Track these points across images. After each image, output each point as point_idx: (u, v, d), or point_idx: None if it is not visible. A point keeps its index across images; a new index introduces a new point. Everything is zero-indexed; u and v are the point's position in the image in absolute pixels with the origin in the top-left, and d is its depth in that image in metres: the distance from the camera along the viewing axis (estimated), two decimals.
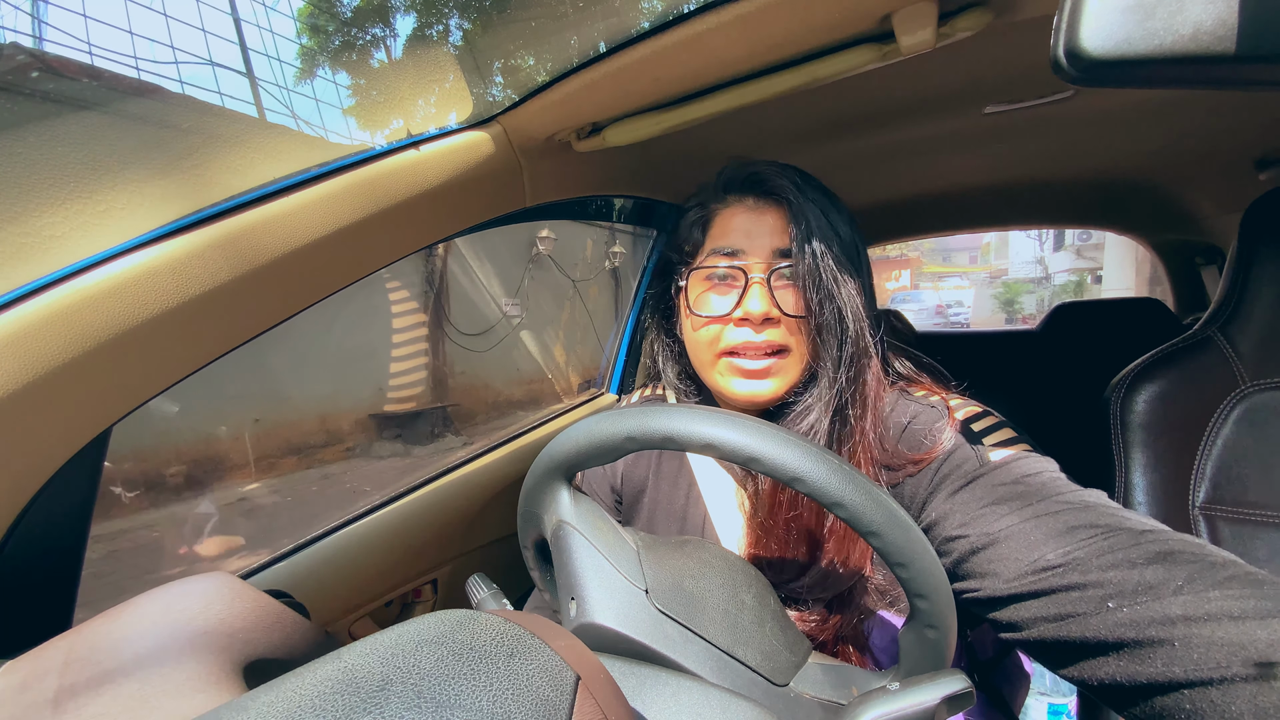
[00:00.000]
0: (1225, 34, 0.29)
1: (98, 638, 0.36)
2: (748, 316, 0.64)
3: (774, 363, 0.65)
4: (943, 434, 0.61)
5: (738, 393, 0.66)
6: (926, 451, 0.61)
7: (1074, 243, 17.45)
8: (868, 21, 0.61)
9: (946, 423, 0.62)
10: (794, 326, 0.65)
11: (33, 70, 1.30)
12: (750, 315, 0.64)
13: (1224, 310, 0.77)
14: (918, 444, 0.62)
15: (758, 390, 0.66)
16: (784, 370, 0.66)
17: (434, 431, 6.21)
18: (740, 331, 0.65)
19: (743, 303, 0.64)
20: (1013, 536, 0.51)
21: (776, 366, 0.65)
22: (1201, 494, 0.73)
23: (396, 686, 0.24)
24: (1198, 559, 0.43)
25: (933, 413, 0.64)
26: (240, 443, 4.95)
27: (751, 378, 0.65)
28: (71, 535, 0.59)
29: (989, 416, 0.63)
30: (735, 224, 0.68)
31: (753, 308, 0.63)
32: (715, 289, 0.67)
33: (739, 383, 0.66)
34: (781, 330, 0.65)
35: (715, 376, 0.68)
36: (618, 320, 1.50)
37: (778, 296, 0.64)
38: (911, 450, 0.62)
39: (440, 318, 6.50)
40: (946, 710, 0.38)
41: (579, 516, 0.51)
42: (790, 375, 0.66)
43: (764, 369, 0.65)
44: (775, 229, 0.66)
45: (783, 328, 0.65)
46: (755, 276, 0.64)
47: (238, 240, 0.58)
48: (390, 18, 4.80)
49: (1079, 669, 0.45)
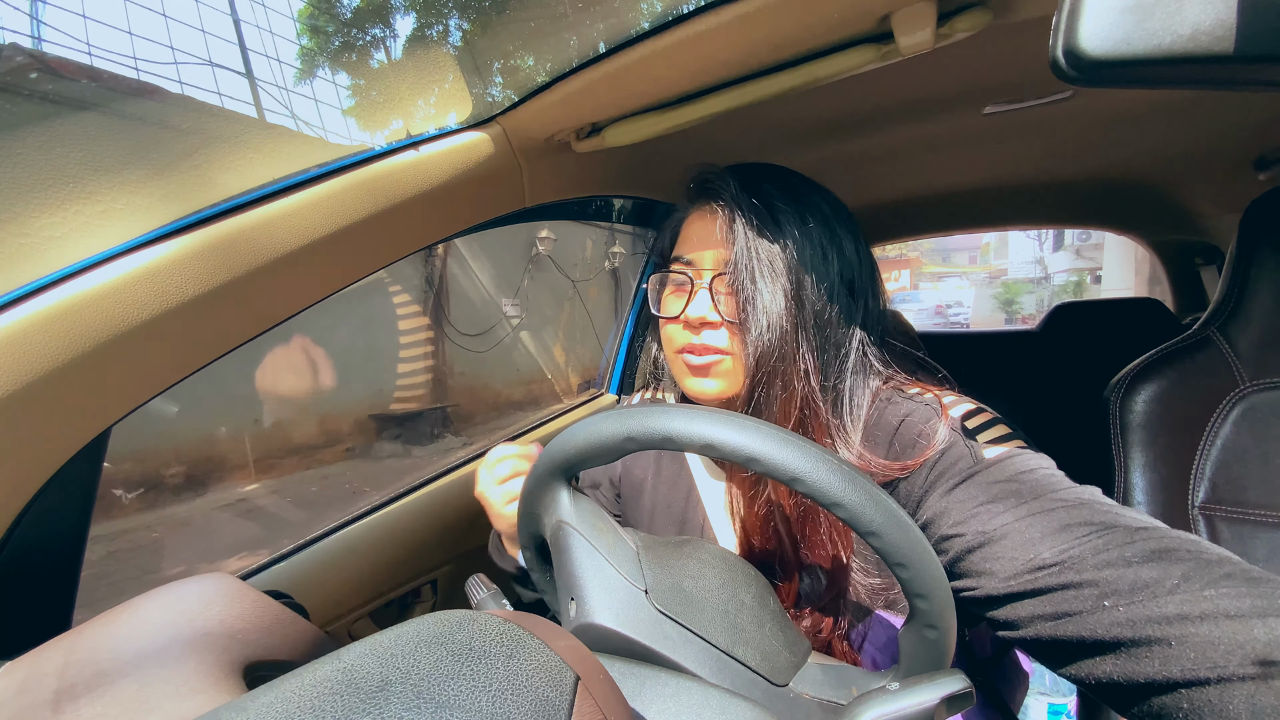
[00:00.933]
0: (1224, 34, 0.29)
1: (97, 639, 0.36)
2: (687, 320, 0.67)
3: (712, 361, 0.66)
4: (937, 432, 0.61)
5: (689, 388, 0.69)
6: (921, 451, 0.61)
7: (1073, 243, 17.46)
8: (866, 22, 0.61)
9: (940, 420, 0.62)
10: (734, 331, 0.66)
11: (31, 71, 1.30)
12: (688, 319, 0.67)
13: (1223, 310, 0.77)
14: (912, 442, 0.62)
15: (702, 388, 0.68)
16: (724, 373, 0.67)
17: (434, 432, 6.21)
18: (687, 333, 0.68)
19: (690, 304, 0.67)
20: (1008, 535, 0.50)
21: (716, 367, 0.67)
22: (1201, 493, 0.73)
23: (396, 687, 0.24)
24: (1194, 556, 0.43)
25: (926, 410, 0.63)
26: (240, 443, 4.95)
27: (696, 374, 0.68)
28: (71, 536, 0.59)
29: (983, 413, 0.62)
30: (692, 231, 0.70)
31: (690, 312, 0.67)
32: (673, 292, 0.71)
33: (689, 379, 0.69)
34: (721, 333, 0.66)
35: (675, 373, 0.71)
36: (617, 320, 1.51)
37: (721, 301, 0.66)
38: (905, 448, 0.62)
39: (440, 318, 6.50)
40: (946, 710, 0.38)
41: (579, 517, 0.51)
42: (733, 377, 0.67)
43: (704, 365, 0.67)
44: (719, 238, 0.67)
45: (723, 331, 0.66)
46: (699, 282, 0.67)
47: (237, 241, 0.58)
48: (390, 18, 4.80)
49: (1077, 668, 0.45)
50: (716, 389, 0.67)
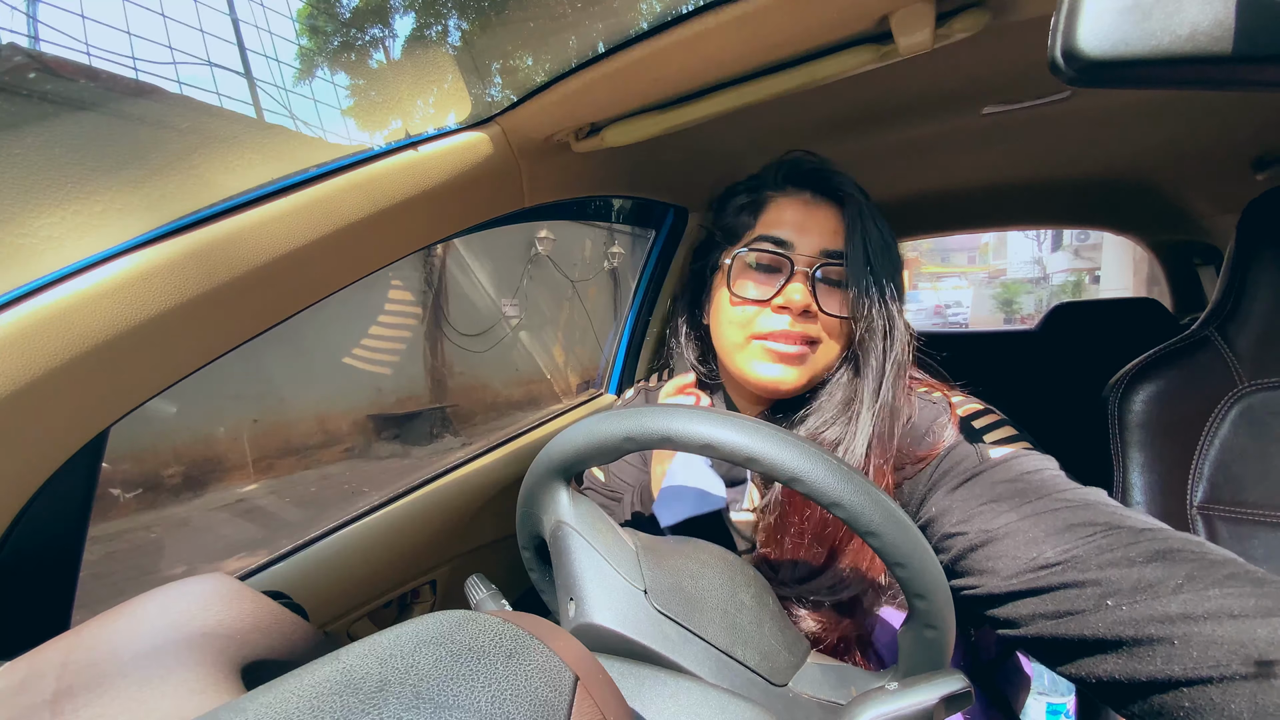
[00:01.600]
0: (1222, 35, 0.29)
1: (96, 639, 0.36)
2: (788, 305, 0.65)
3: (806, 350, 0.66)
4: (945, 431, 0.61)
5: (762, 377, 0.66)
6: (929, 449, 0.61)
7: (1072, 243, 17.48)
8: (865, 22, 0.61)
9: (948, 419, 0.62)
10: (829, 325, 0.66)
11: (30, 71, 1.30)
12: (791, 304, 0.64)
13: (1221, 310, 0.77)
14: (919, 440, 0.62)
15: (784, 376, 0.66)
16: (813, 362, 0.66)
17: (432, 432, 6.21)
18: (777, 318, 0.66)
19: (784, 291, 0.65)
20: (1012, 534, 0.51)
21: (804, 356, 0.66)
22: (1199, 493, 0.73)
23: (395, 687, 0.24)
24: (1197, 557, 0.43)
25: (934, 409, 0.64)
26: (238, 443, 4.95)
27: (782, 361, 0.66)
28: (69, 536, 0.59)
29: (990, 414, 0.63)
30: (789, 215, 0.68)
31: (794, 298, 0.64)
32: (758, 273, 0.68)
33: (767, 366, 0.66)
34: (817, 326, 0.66)
35: (742, 358, 0.68)
36: (616, 320, 1.50)
37: (821, 294, 0.65)
38: (913, 445, 0.62)
39: (439, 318, 6.49)
40: (945, 710, 0.38)
41: (578, 517, 0.51)
42: (816, 369, 0.67)
43: (797, 354, 0.65)
44: (827, 228, 0.67)
45: (819, 324, 0.66)
46: (800, 269, 0.65)
47: (236, 241, 0.58)
48: (389, 18, 4.80)
49: (1077, 666, 0.45)
50: (796, 378, 0.66)
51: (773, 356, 0.66)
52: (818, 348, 0.66)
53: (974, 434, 0.60)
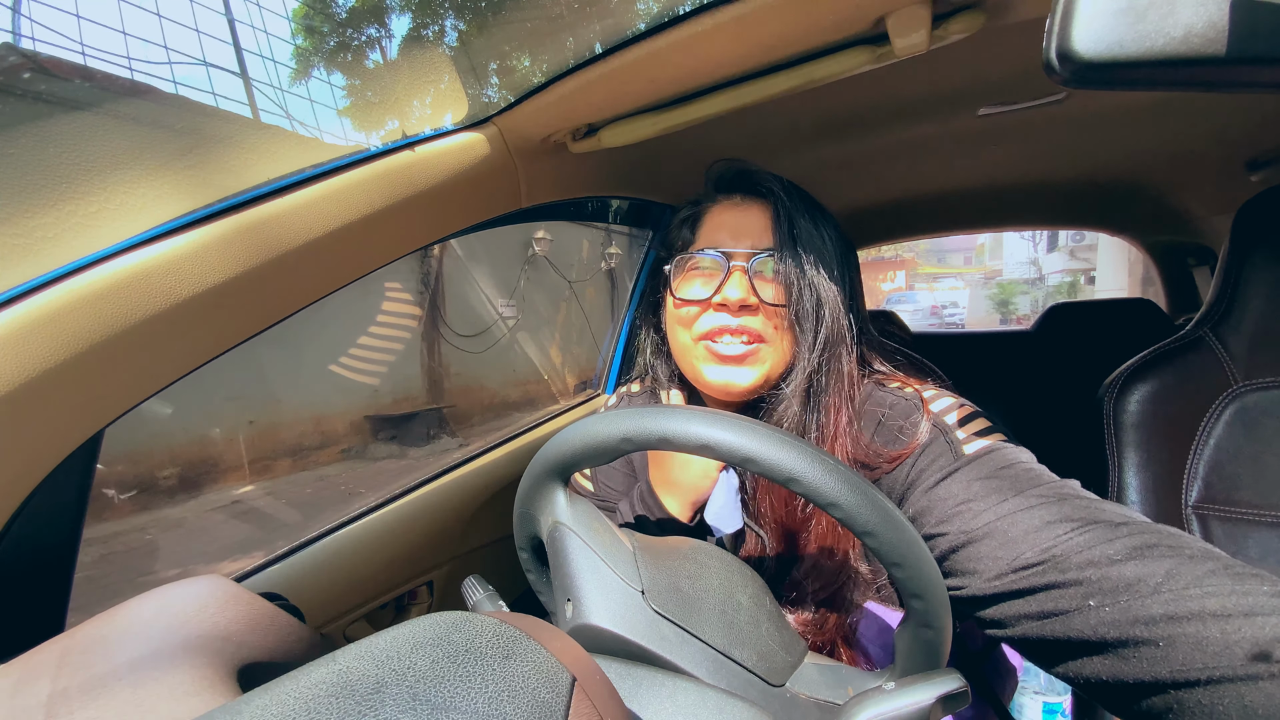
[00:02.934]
0: (1216, 36, 0.29)
1: (91, 641, 0.36)
2: (725, 302, 0.65)
3: (750, 350, 0.66)
4: (918, 427, 0.61)
5: (713, 380, 0.67)
6: (903, 447, 0.61)
7: (1067, 244, 17.54)
8: (862, 24, 0.61)
9: (921, 415, 0.62)
10: (772, 316, 0.66)
11: (25, 70, 1.29)
12: (728, 301, 0.65)
13: (1216, 310, 0.78)
14: (893, 438, 0.62)
15: (734, 379, 0.66)
16: (761, 360, 0.66)
17: (429, 433, 6.19)
18: (718, 317, 0.66)
19: (722, 289, 0.66)
20: (991, 534, 0.51)
21: (753, 355, 0.66)
22: (1194, 493, 0.73)
23: (392, 689, 0.24)
24: (1175, 553, 0.43)
25: (906, 405, 0.64)
26: (234, 445, 4.93)
27: (728, 363, 0.66)
28: (64, 538, 0.58)
29: (963, 407, 0.63)
30: (722, 220, 0.70)
31: (730, 294, 0.65)
32: (699, 277, 0.69)
33: (715, 369, 0.67)
34: (759, 319, 0.66)
35: (693, 362, 0.69)
36: (614, 321, 1.50)
37: (757, 287, 0.65)
38: (887, 444, 0.62)
39: (436, 319, 6.48)
40: (942, 709, 0.38)
41: (575, 518, 0.51)
42: (767, 366, 0.66)
43: (740, 355, 0.66)
44: (759, 227, 0.68)
45: (760, 317, 0.66)
46: (736, 265, 0.66)
47: (232, 241, 0.58)
48: (385, 19, 4.79)
49: (1066, 667, 0.45)
50: (749, 380, 0.66)
51: (717, 359, 0.66)
52: (765, 346, 0.66)
53: (947, 429, 0.60)
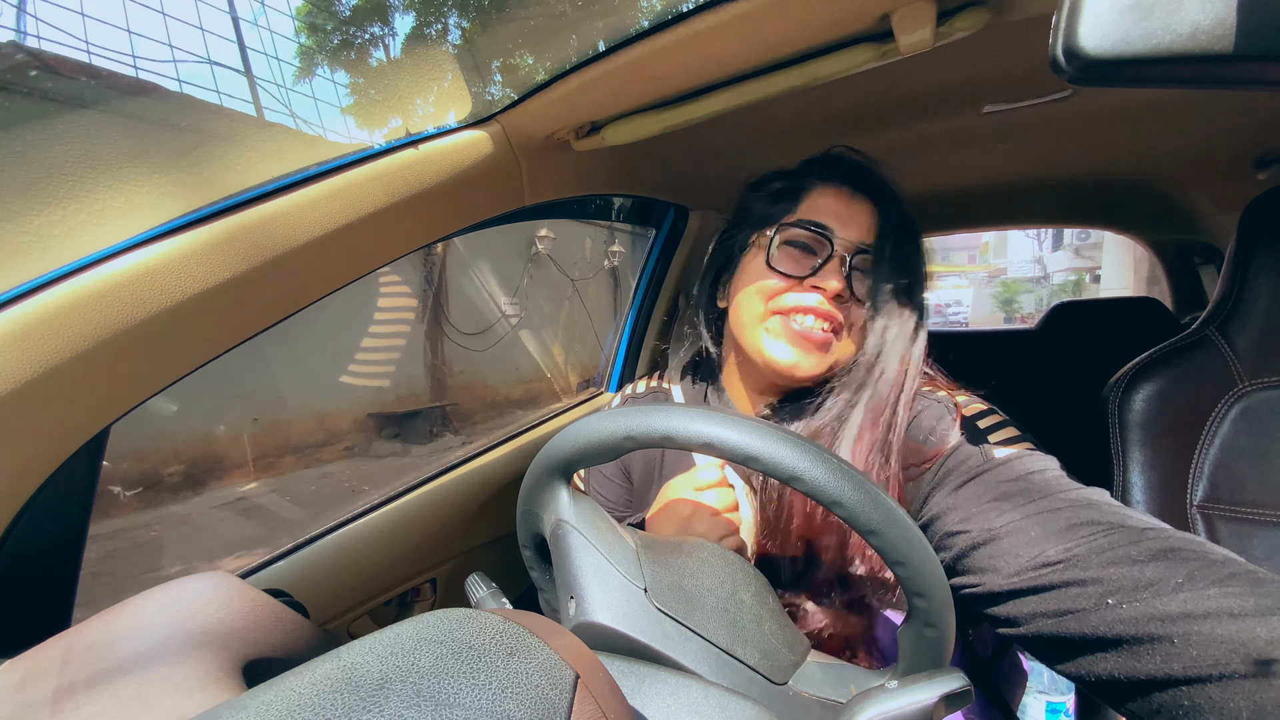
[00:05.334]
0: (1223, 33, 0.29)
1: (96, 637, 0.36)
2: (823, 286, 0.66)
3: (830, 338, 0.66)
4: (950, 431, 0.61)
5: (778, 358, 0.67)
6: (934, 450, 0.61)
7: (1072, 242, 17.47)
8: (866, 21, 0.60)
9: (953, 419, 0.62)
10: (855, 316, 0.67)
11: (31, 69, 1.30)
12: (826, 286, 0.66)
13: (1222, 309, 0.77)
14: (924, 439, 0.63)
15: (800, 360, 0.66)
16: (833, 350, 0.67)
17: (432, 431, 6.21)
18: (806, 296, 0.67)
19: (822, 271, 0.66)
20: (1014, 532, 0.51)
21: (828, 343, 0.67)
22: (1199, 493, 0.73)
23: (396, 685, 0.24)
24: (1198, 556, 0.43)
25: (939, 408, 0.64)
26: (239, 442, 4.95)
27: (801, 344, 0.66)
28: (70, 534, 0.59)
29: (994, 414, 0.63)
30: (829, 204, 0.70)
31: (831, 279, 0.66)
32: (797, 251, 0.69)
33: (783, 348, 0.66)
34: (847, 309, 0.67)
35: (761, 332, 0.68)
36: (617, 319, 1.50)
37: (856, 279, 0.67)
38: (919, 446, 0.63)
39: (439, 317, 6.49)
40: (944, 708, 0.38)
41: (578, 515, 0.51)
42: (835, 357, 0.67)
43: (821, 340, 0.66)
44: (864, 223, 0.69)
45: (849, 307, 0.67)
46: (840, 252, 0.67)
47: (235, 239, 0.58)
48: (389, 17, 4.79)
49: (1077, 665, 0.45)
50: (816, 365, 0.66)
51: (792, 338, 0.66)
52: (840, 337, 0.67)
53: (978, 434, 0.60)
